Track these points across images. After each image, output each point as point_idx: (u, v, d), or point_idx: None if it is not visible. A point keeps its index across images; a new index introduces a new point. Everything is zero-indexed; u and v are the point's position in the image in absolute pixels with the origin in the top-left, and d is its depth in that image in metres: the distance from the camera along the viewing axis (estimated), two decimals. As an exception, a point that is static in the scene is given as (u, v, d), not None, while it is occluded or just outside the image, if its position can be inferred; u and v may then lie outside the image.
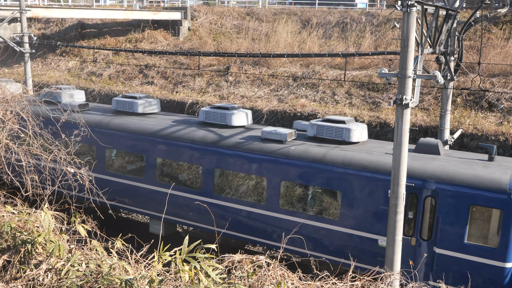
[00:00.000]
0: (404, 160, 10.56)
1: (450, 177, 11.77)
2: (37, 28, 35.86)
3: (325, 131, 13.98)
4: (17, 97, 11.07)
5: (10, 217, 5.92)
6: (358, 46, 26.34)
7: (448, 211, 11.79)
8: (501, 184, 11.21)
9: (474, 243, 11.67)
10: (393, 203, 10.69)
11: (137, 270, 5.25)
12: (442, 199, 11.80)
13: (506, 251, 11.28)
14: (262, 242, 14.02)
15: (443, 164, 12.25)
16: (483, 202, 11.46)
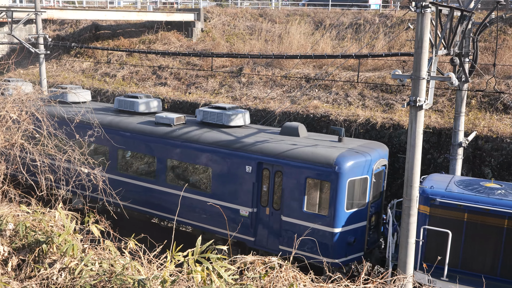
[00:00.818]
0: (418, 163, 10.49)
1: (294, 155, 13.63)
2: (52, 30, 36.19)
3: (209, 117, 16.11)
4: (32, 98, 11.18)
5: (25, 216, 5.97)
6: (372, 47, 26.23)
7: (290, 184, 13.64)
8: (329, 160, 13.12)
9: (310, 211, 13.54)
10: (406, 205, 10.63)
11: (149, 270, 5.27)
12: (286, 173, 13.66)
13: (334, 218, 13.20)
14: (157, 214, 16.13)
15: (292, 144, 14.17)
16: (316, 175, 13.34)
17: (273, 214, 14.05)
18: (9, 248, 5.49)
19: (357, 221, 13.64)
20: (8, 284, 5.02)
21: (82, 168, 9.73)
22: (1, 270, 5.35)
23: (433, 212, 12.15)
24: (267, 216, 14.23)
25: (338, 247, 13.32)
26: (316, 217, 13.43)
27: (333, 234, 13.22)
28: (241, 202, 14.41)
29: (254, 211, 14.34)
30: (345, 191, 13.09)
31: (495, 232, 11.70)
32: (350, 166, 13.12)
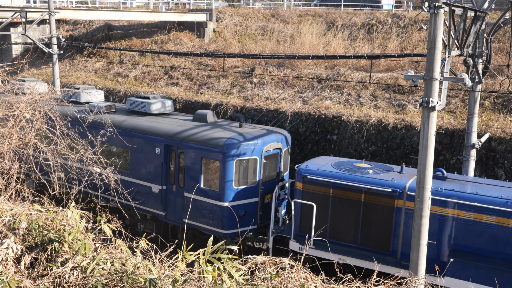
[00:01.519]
0: (430, 164, 10.43)
1: (193, 138, 15.44)
2: (65, 30, 36.46)
3: (135, 105, 18.15)
4: (45, 97, 11.26)
5: (38, 215, 6.02)
6: (384, 48, 26.11)
7: (190, 164, 15.45)
8: (220, 143, 14.83)
9: (206, 187, 15.29)
10: (418, 207, 10.57)
11: (161, 269, 5.29)
12: (186, 154, 15.45)
13: (223, 193, 14.86)
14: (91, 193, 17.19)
15: (196, 128, 16.03)
16: (209, 156, 15.13)
17: (178, 191, 15.83)
18: (22, 247, 5.54)
19: (248, 197, 15.27)
20: (21, 282, 5.07)
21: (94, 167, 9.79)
22: (14, 268, 5.40)
23: (305, 188, 13.73)
24: (174, 193, 16.04)
25: (228, 220, 14.96)
26: (210, 193, 15.18)
27: (223, 208, 14.94)
28: (153, 180, 16.25)
29: (164, 188, 16.17)
30: (233, 170, 14.81)
31: (355, 205, 13.17)
32: (238, 148, 14.82)
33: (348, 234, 13.36)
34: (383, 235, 12.91)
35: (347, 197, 13.24)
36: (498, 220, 11.62)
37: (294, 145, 20.93)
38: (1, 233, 5.68)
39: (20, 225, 5.78)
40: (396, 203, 12.61)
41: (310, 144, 20.74)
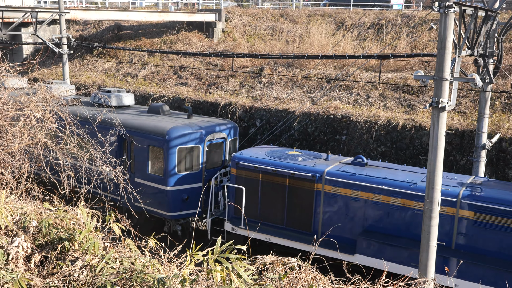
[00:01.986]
0: (440, 165, 10.38)
1: (143, 128, 16.57)
2: (75, 30, 36.66)
3: (97, 99, 19.26)
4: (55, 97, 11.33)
5: (48, 214, 6.05)
6: (394, 48, 26.01)
7: (139, 151, 16.55)
8: (163, 132, 15.97)
9: (152, 173, 16.45)
10: (428, 208, 10.52)
11: (169, 269, 5.30)
12: (136, 142, 16.41)
13: (167, 178, 15.99)
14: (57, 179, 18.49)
15: (148, 119, 17.21)
16: (155, 144, 16.23)
17: (131, 176, 16.47)
18: (32, 245, 5.58)
19: (191, 182, 16.33)
20: (31, 280, 5.10)
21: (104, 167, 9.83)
22: (25, 267, 5.43)
23: (238, 173, 14.85)
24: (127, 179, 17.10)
25: (172, 203, 16.04)
26: (156, 178, 16.27)
27: (167, 191, 16.04)
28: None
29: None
30: (175, 157, 15.93)
31: (281, 189, 14.19)
32: (180, 136, 15.96)
33: (275, 215, 14.46)
34: (305, 216, 13.99)
35: (274, 181, 14.36)
36: (402, 202, 12.59)
37: (303, 145, 20.90)
38: (11, 232, 5.73)
39: (31, 224, 5.82)
40: (315, 186, 13.66)
41: (318, 145, 20.70)
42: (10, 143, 9.19)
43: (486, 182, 12.92)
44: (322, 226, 13.57)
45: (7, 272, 5.15)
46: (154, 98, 25.86)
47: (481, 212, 11.73)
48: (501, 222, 11.52)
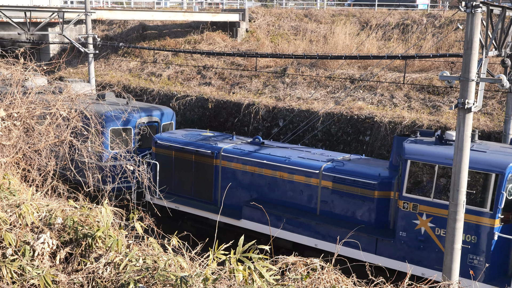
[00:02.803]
0: (465, 167, 10.22)
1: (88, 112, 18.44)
2: (100, 30, 37.12)
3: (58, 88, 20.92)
4: (81, 96, 11.48)
5: (73, 211, 6.13)
6: (419, 48, 25.71)
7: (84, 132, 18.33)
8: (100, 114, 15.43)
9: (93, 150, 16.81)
10: (452, 210, 10.37)
11: (192, 267, 5.33)
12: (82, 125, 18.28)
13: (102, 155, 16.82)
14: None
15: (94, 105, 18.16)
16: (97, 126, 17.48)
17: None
18: (58, 242, 5.66)
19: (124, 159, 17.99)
20: (56, 277, 5.17)
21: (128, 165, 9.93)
22: (50, 263, 5.52)
23: (156, 151, 16.70)
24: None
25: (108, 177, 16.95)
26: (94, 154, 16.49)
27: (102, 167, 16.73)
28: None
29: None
30: (108, 136, 16.93)
31: (189, 164, 15.97)
32: (111, 118, 17.13)
33: (185, 187, 16.28)
34: (207, 188, 15.83)
35: (183, 158, 16.20)
36: (280, 174, 14.35)
37: (326, 145, 20.80)
38: (37, 228, 5.82)
39: (56, 221, 5.90)
40: (214, 162, 15.56)
41: (342, 145, 20.59)
42: (37, 141, 9.35)
43: (354, 159, 14.44)
44: (221, 196, 15.53)
45: (33, 268, 5.23)
46: (177, 97, 26.03)
47: (337, 182, 13.43)
48: (351, 190, 13.25)
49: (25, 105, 9.53)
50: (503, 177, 11.01)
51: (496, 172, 11.14)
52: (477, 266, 11.51)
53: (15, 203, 6.02)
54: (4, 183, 7.26)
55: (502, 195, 11.07)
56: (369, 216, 13.10)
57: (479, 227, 11.35)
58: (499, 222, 11.25)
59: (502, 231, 11.29)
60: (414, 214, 12.10)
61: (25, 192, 7.13)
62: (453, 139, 11.81)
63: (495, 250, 11.28)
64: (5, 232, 5.42)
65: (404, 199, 12.20)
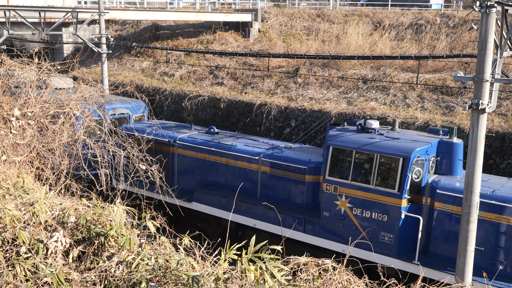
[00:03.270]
0: (479, 168, 10.14)
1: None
2: (114, 30, 37.33)
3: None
4: (94, 96, 11.56)
5: (86, 210, 6.17)
6: (432, 48, 25.54)
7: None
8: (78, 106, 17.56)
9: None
10: (466, 212, 10.29)
11: (203, 267, 5.34)
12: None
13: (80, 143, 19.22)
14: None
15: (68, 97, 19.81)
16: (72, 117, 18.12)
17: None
18: (71, 240, 5.69)
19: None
20: (69, 275, 5.21)
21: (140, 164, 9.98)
22: (63, 261, 5.56)
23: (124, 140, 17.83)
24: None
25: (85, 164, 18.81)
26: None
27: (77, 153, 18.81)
28: None
29: None
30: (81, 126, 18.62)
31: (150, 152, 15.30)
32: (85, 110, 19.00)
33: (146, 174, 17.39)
34: (166, 173, 15.81)
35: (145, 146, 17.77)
36: (226, 161, 15.39)
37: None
38: (51, 227, 5.87)
39: (69, 219, 5.94)
40: (171, 149, 16.55)
41: (354, 146, 20.52)
42: (51, 140, 9.42)
43: (295, 147, 15.56)
44: (177, 181, 16.49)
45: (46, 266, 5.28)
46: (190, 97, 26.10)
47: (274, 167, 14.57)
48: (286, 175, 14.39)
49: (39, 105, 9.61)
50: (409, 161, 12.03)
51: (402, 157, 12.13)
52: (388, 243, 12.50)
53: (29, 201, 6.07)
54: (18, 182, 7.33)
55: (407, 178, 12.05)
56: (302, 198, 14.25)
57: (388, 206, 12.37)
58: (406, 202, 12.25)
59: (409, 210, 12.28)
60: (335, 196, 13.24)
61: (39, 190, 7.19)
62: (373, 127, 13.38)
63: (402, 228, 12.28)
64: (19, 230, 5.47)
65: (326, 181, 13.30)
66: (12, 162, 8.28)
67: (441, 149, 12.91)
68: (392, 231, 12.41)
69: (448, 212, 12.10)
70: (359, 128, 13.54)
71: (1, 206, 5.77)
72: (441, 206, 12.21)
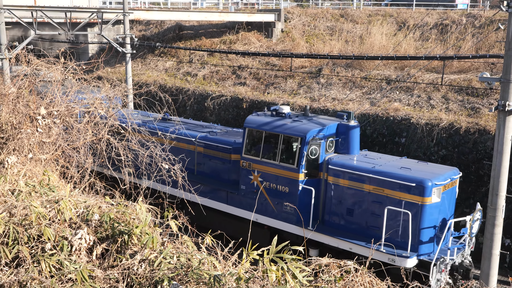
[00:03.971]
0: (505, 170, 9.98)
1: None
2: (138, 30, 37.67)
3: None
4: (118, 95, 11.68)
5: (109, 208, 6.24)
6: (458, 48, 25.20)
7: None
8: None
9: None
10: (491, 215, 10.13)
11: (225, 266, 5.35)
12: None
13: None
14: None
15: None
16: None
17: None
18: (94, 238, 5.76)
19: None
20: (92, 272, 5.28)
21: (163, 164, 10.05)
22: (87, 258, 5.63)
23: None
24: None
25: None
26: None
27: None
28: None
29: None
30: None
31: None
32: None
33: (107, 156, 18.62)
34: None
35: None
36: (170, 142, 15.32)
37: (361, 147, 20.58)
38: (75, 224, 5.94)
39: (93, 217, 6.01)
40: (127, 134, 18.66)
41: (377, 146, 20.35)
42: (75, 139, 9.55)
43: (230, 131, 17.71)
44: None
45: (71, 262, 5.35)
46: (212, 97, 26.20)
47: (207, 148, 16.46)
48: (216, 154, 16.34)
49: (64, 104, 9.75)
50: (304, 140, 14.01)
51: (299, 136, 14.12)
52: (290, 212, 14.34)
53: (54, 199, 6.16)
54: (44, 179, 7.44)
55: (304, 154, 14.05)
56: (228, 175, 16.25)
57: (289, 180, 14.26)
58: (304, 176, 14.24)
59: (306, 183, 14.18)
60: (250, 171, 15.18)
61: (64, 188, 7.29)
62: (283, 112, 15.38)
63: (300, 198, 14.15)
64: (45, 227, 5.55)
65: (243, 159, 15.29)
66: (38, 160, 8.42)
67: (340, 131, 14.72)
68: (292, 201, 14.21)
69: (339, 185, 13.95)
70: (272, 114, 15.50)
71: (28, 203, 5.86)
72: (333, 180, 14.09)
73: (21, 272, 5.22)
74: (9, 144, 8.39)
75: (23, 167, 7.70)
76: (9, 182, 6.87)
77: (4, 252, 5.36)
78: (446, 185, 12.83)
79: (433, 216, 12.63)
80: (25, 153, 8.31)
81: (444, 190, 12.81)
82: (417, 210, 12.39)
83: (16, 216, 5.79)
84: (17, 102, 9.18)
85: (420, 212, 12.41)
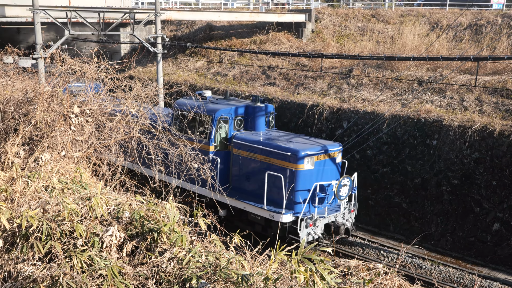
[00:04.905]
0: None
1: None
2: (169, 30, 38.03)
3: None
4: (149, 94, 11.80)
5: (139, 206, 6.32)
6: (492, 49, 24.67)
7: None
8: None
9: None
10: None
11: (253, 266, 5.36)
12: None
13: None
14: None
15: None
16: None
17: None
18: (125, 235, 5.84)
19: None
20: (122, 268, 5.35)
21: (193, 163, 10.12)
22: (117, 255, 5.71)
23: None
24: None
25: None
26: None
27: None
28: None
29: None
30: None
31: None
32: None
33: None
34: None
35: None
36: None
37: (391, 149, 20.35)
38: (106, 221, 6.04)
39: (123, 215, 6.10)
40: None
41: (407, 148, 20.08)
42: (107, 137, 9.69)
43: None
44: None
45: (101, 259, 5.44)
46: (242, 97, 26.27)
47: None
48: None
49: (97, 102, 9.91)
50: (214, 117, 16.82)
51: (210, 115, 16.78)
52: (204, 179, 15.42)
53: (86, 196, 6.27)
54: (76, 177, 7.58)
55: (213, 130, 16.80)
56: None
57: (203, 152, 15.30)
58: (214, 148, 17.01)
59: (215, 154, 16.86)
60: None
61: (95, 186, 7.41)
62: (205, 95, 18.27)
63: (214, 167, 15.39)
64: (77, 224, 5.66)
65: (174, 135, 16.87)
66: (71, 157, 8.57)
67: (249, 111, 17.39)
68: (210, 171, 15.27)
69: (240, 155, 16.78)
70: (197, 97, 17.19)
71: (60, 200, 5.98)
72: (236, 151, 16.91)
73: (53, 267, 5.33)
74: (43, 142, 8.57)
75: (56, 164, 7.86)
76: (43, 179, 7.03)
77: (38, 247, 5.48)
78: (321, 155, 15.89)
79: (306, 180, 15.44)
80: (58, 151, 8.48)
81: (318, 159, 15.86)
82: (292, 175, 15.34)
83: (49, 212, 5.91)
84: (52, 100, 9.37)
85: (295, 176, 15.32)
